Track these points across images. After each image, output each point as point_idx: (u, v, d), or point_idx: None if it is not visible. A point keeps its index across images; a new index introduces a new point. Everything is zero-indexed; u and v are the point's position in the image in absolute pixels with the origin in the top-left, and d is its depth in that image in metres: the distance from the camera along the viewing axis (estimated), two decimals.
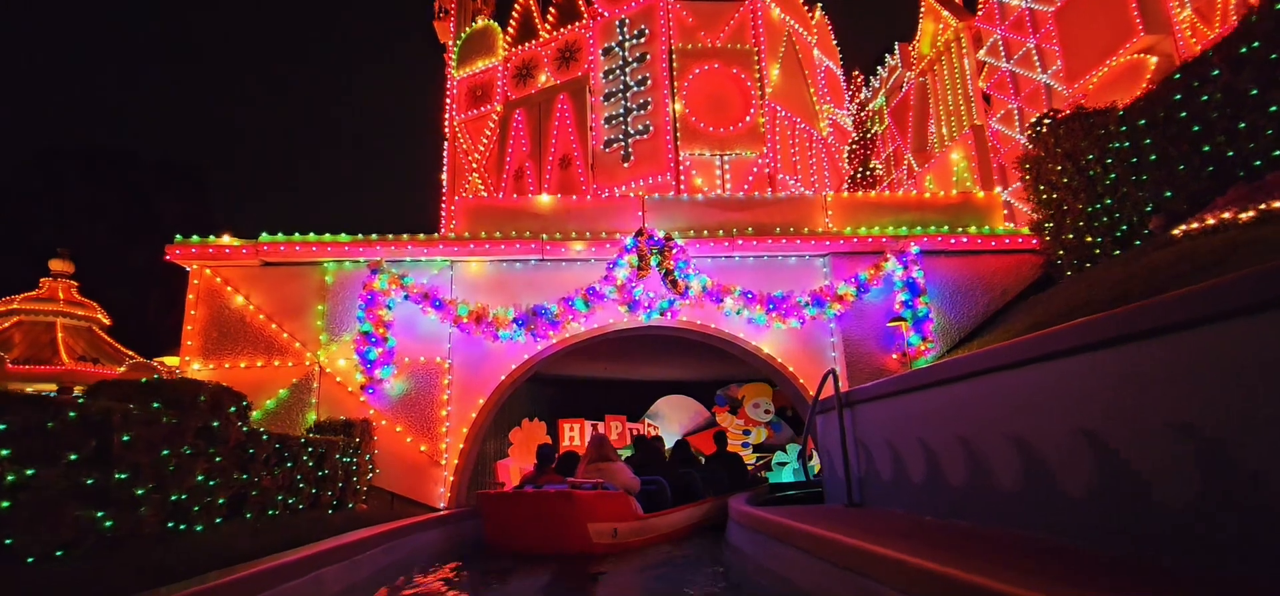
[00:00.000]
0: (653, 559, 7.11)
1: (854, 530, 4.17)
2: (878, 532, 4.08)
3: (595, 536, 6.88)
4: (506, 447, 13.20)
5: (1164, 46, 13.01)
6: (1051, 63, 16.09)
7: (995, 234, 9.86)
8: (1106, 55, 13.43)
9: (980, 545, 3.58)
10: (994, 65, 17.67)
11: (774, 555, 5.10)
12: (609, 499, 7.14)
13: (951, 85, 18.49)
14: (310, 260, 9.47)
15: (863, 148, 15.92)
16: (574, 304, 9.15)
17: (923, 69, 20.05)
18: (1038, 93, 16.44)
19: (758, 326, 9.46)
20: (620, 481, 7.49)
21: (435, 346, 9.36)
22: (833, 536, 3.89)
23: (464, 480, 9.28)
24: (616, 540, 7.04)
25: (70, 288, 23.47)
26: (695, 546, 8.53)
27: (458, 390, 9.28)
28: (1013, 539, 3.77)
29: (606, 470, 7.59)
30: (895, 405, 5.62)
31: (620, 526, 7.09)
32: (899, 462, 5.57)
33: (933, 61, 19.59)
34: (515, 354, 9.37)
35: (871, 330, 9.57)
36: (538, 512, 7.00)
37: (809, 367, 9.51)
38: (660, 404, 16.58)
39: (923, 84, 20.23)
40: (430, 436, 9.11)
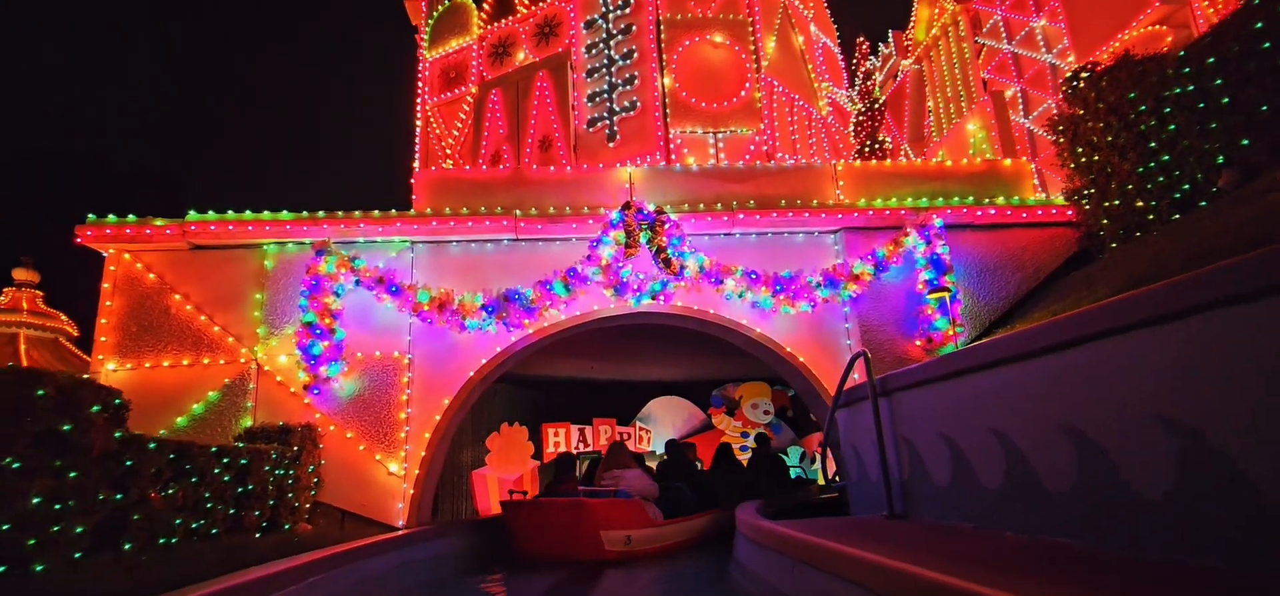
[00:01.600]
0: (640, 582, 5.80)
1: (930, 556, 2.87)
2: (963, 558, 2.79)
3: (608, 544, 6.75)
4: (484, 455, 11.80)
5: (1180, 17, 11.96)
6: (1057, 42, 15.07)
7: (1026, 205, 8.65)
8: (1117, 29, 12.37)
9: (1137, 584, 2.29)
10: (994, 47, 16.62)
11: (804, 585, 3.78)
12: (622, 506, 6.92)
13: (949, 71, 17.42)
14: (247, 242, 8.08)
15: (870, 119, 14.70)
16: (552, 288, 7.82)
17: (918, 56, 18.98)
18: (1042, 74, 15.36)
19: (763, 311, 8.17)
20: (636, 487, 7.18)
21: (393, 339, 7.99)
22: (912, 570, 2.57)
23: (427, 493, 7.89)
24: (631, 548, 6.83)
25: (35, 298, 21.84)
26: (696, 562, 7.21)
27: (419, 389, 7.91)
28: (1172, 572, 2.48)
29: (623, 476, 7.36)
30: (954, 390, 4.35)
31: (635, 533, 6.89)
32: (961, 462, 4.27)
33: (929, 47, 18.53)
34: (486, 346, 8.02)
35: (891, 314, 8.30)
36: (551, 520, 7.03)
37: (821, 357, 8.22)
38: (652, 405, 15.25)
39: (918, 71, 19.16)
40: (387, 443, 7.72)
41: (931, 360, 4.65)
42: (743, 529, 6.17)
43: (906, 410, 4.99)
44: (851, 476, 6.32)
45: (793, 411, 16.06)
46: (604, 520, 6.78)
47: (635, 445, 14.41)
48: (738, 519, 6.87)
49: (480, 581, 6.79)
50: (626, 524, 6.88)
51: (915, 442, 4.88)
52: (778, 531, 4.46)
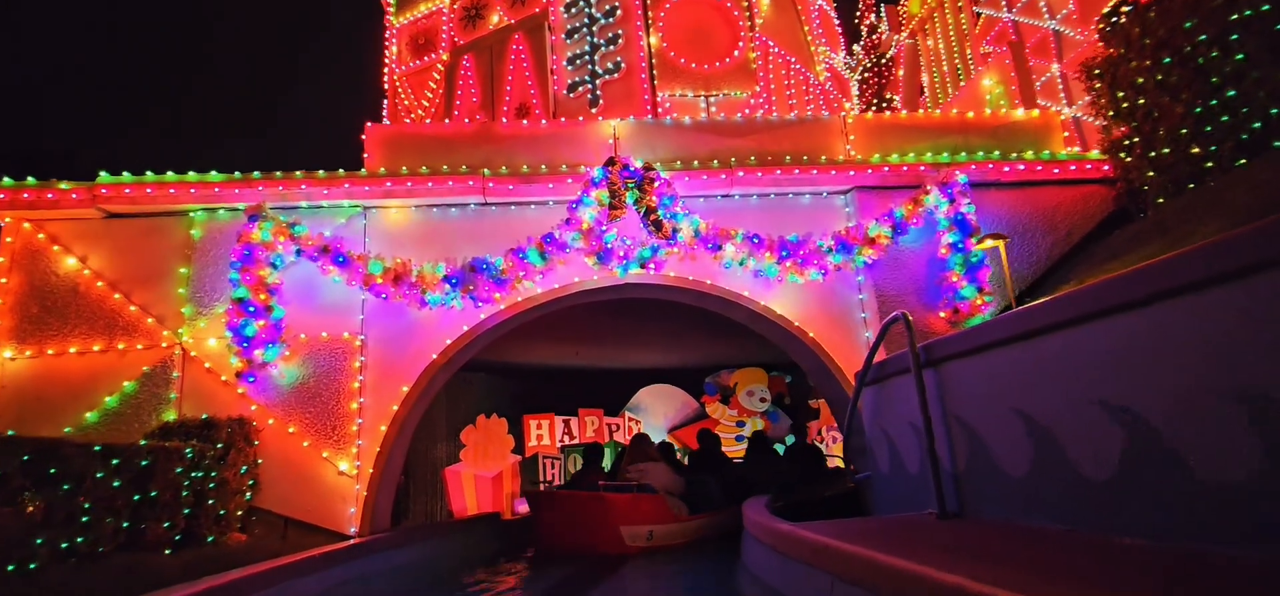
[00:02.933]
0: None
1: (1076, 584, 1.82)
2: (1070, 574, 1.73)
3: (629, 539, 6.60)
4: (459, 450, 10.67)
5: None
6: (1061, 7, 14.12)
7: (1057, 159, 7.65)
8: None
9: None
10: (992, 17, 15.64)
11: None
12: (644, 501, 6.73)
13: (945, 44, 16.45)
14: (170, 209, 6.89)
15: (877, 76, 13.65)
16: (526, 256, 6.70)
17: (913, 29, 18.00)
18: (1046, 42, 14.34)
19: (767, 281, 7.10)
20: (660, 482, 6.97)
21: (342, 319, 6.84)
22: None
23: (383, 494, 6.76)
24: (652, 543, 6.64)
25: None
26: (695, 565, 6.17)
27: (374, 375, 6.78)
28: None
29: (647, 470, 7.14)
30: (1036, 352, 3.31)
31: (657, 528, 6.70)
32: (1047, 447, 3.24)
33: (923, 20, 17.54)
34: (451, 325, 6.89)
35: (910, 282, 7.27)
36: (571, 514, 6.92)
37: (832, 332, 7.18)
38: (642, 394, 14.17)
39: (913, 46, 18.17)
40: (336, 438, 6.58)
41: (1002, 317, 3.60)
42: (753, 530, 5.11)
43: (961, 383, 3.94)
44: (879, 467, 5.27)
45: (790, 399, 15.05)
46: (625, 515, 6.58)
47: (625, 436, 13.34)
48: (747, 517, 5.83)
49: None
50: (648, 519, 6.66)
51: (973, 423, 3.83)
52: (808, 538, 3.40)
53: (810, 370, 7.65)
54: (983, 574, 2.20)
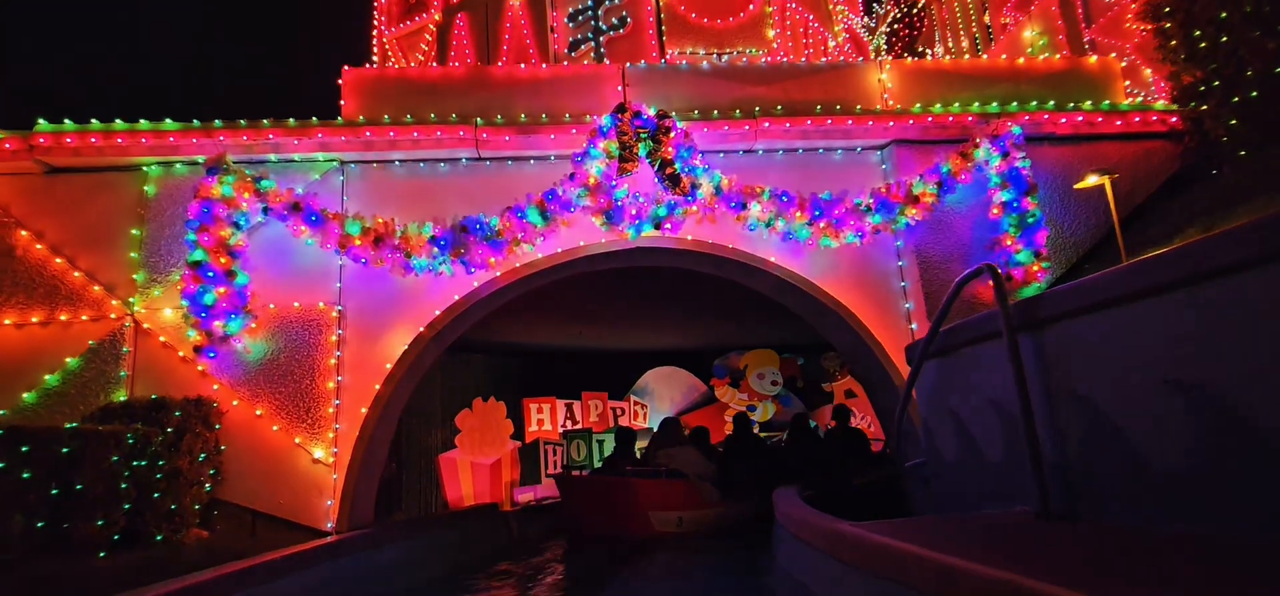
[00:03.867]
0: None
1: None
2: None
3: (658, 524, 6.48)
4: (454, 436, 9.83)
5: None
6: None
7: (1118, 110, 6.77)
8: None
9: None
10: None
11: None
12: (672, 486, 6.55)
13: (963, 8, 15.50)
14: (121, 163, 6.02)
15: (907, 28, 12.73)
16: (525, 216, 5.84)
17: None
18: None
19: (796, 245, 6.25)
20: (690, 467, 6.70)
21: (317, 286, 5.99)
22: None
23: (364, 484, 5.93)
24: (682, 528, 6.47)
25: None
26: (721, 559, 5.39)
27: (353, 350, 5.94)
28: None
29: (676, 455, 6.91)
30: (1209, 299, 2.43)
31: (686, 514, 6.52)
32: (1222, 428, 2.38)
33: None
34: (440, 293, 6.04)
35: (956, 247, 6.43)
36: (600, 498, 6.87)
37: (866, 304, 6.34)
38: (648, 377, 13.35)
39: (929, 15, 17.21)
40: (311, 421, 5.75)
41: (1160, 256, 2.73)
42: (792, 526, 4.30)
43: (1078, 349, 3.09)
44: (942, 454, 4.43)
45: (802, 381, 14.24)
46: (652, 500, 6.45)
47: (629, 422, 12.52)
48: (780, 510, 5.02)
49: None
50: (677, 504, 6.50)
51: (1096, 400, 2.98)
52: (891, 547, 2.56)
53: (843, 346, 6.81)
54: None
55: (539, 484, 10.35)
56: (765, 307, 9.59)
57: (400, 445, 9.86)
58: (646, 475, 6.72)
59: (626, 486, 6.64)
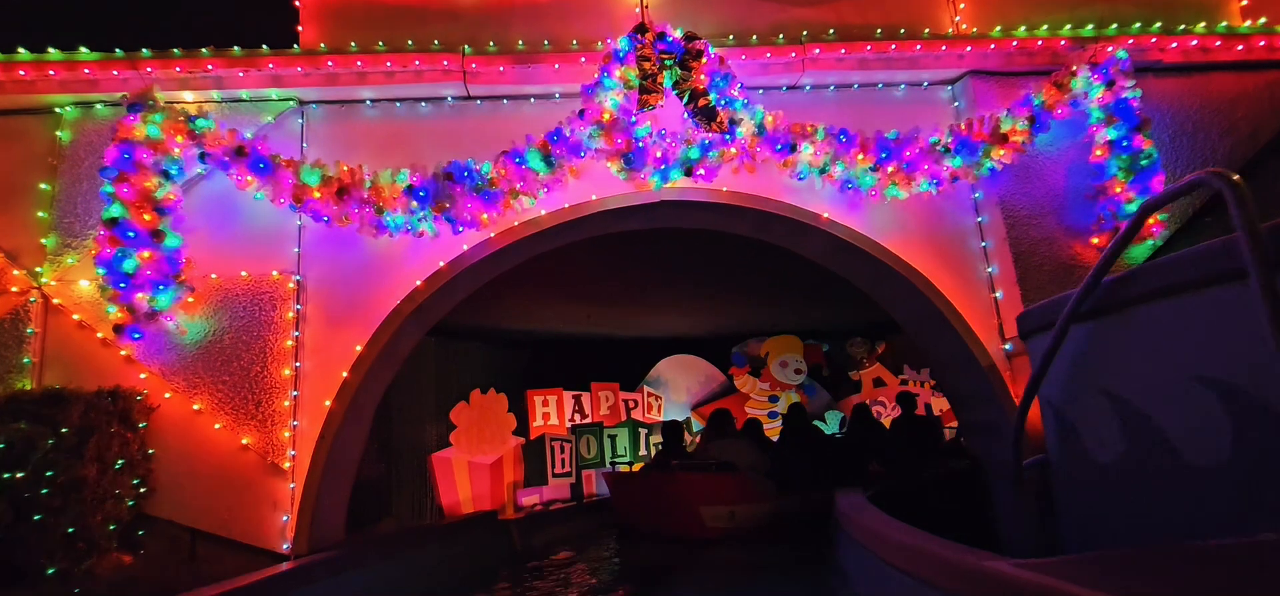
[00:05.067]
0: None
1: None
2: None
3: (710, 520, 6.11)
4: (448, 432, 8.67)
5: None
6: None
7: (1237, 34, 5.56)
8: None
9: None
10: None
11: None
12: (725, 481, 6.18)
13: None
14: (26, 103, 4.88)
15: None
16: (524, 160, 4.66)
17: None
18: None
19: (856, 195, 5.06)
20: (743, 459, 6.35)
21: (270, 252, 4.84)
22: None
23: (331, 493, 4.77)
24: (734, 523, 6.10)
25: None
26: None
27: (315, 330, 4.78)
28: None
29: (728, 447, 6.59)
30: None
31: (739, 509, 6.12)
32: None
33: None
34: (421, 259, 4.88)
35: (1047, 197, 5.23)
36: (650, 495, 6.69)
37: (940, 269, 5.17)
38: (662, 367, 12.17)
39: None
40: (262, 417, 4.59)
41: None
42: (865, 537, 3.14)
43: None
44: (1090, 453, 3.23)
45: (827, 370, 13.05)
46: (703, 495, 6.13)
47: (644, 414, 11.35)
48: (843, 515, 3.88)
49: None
50: (730, 499, 6.13)
51: None
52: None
53: (910, 320, 5.60)
54: None
55: (545, 485, 9.19)
56: (801, 282, 8.44)
57: (390, 444, 8.74)
58: (697, 468, 6.38)
59: (677, 481, 6.31)
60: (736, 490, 6.10)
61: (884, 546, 3.22)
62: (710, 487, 6.15)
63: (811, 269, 6.11)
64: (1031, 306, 4.06)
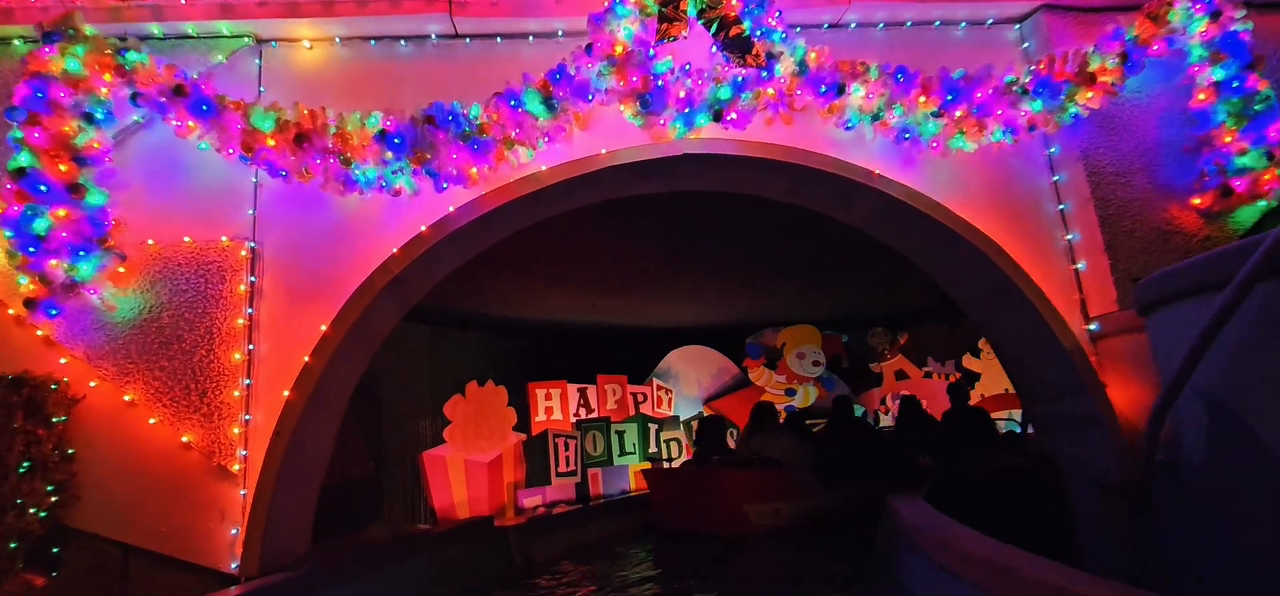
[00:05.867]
0: None
1: None
2: None
3: (754, 517, 5.88)
4: (442, 429, 7.88)
5: None
6: None
7: None
8: None
9: None
10: None
11: None
12: (768, 476, 5.92)
13: None
14: None
15: None
16: (521, 103, 3.85)
17: None
18: None
19: (914, 147, 4.24)
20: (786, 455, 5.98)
21: (220, 214, 4.05)
22: None
23: (291, 500, 3.97)
24: (779, 521, 5.82)
25: None
26: None
27: (273, 306, 3.99)
28: None
29: (772, 443, 6.25)
30: None
31: (784, 506, 5.84)
32: None
33: None
34: (398, 222, 4.08)
35: (1138, 150, 4.40)
36: (691, 492, 6.48)
37: (1010, 234, 4.33)
38: (672, 358, 11.38)
39: None
40: (206, 410, 3.80)
41: None
42: (988, 580, 2.34)
43: None
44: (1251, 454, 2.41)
45: (847, 361, 12.23)
46: (747, 492, 5.99)
47: (653, 408, 10.56)
48: (929, 538, 3.09)
49: None
50: (774, 495, 5.97)
51: None
52: None
53: (975, 296, 4.76)
54: None
55: (549, 485, 8.40)
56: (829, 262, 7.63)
57: (379, 441, 7.96)
58: (739, 464, 6.25)
59: (719, 478, 6.19)
60: (781, 486, 5.86)
61: (991, 577, 2.41)
62: (755, 484, 5.91)
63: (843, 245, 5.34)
64: (1158, 272, 3.23)
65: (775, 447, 6.16)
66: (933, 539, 3.26)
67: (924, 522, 3.42)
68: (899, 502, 4.09)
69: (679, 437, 10.31)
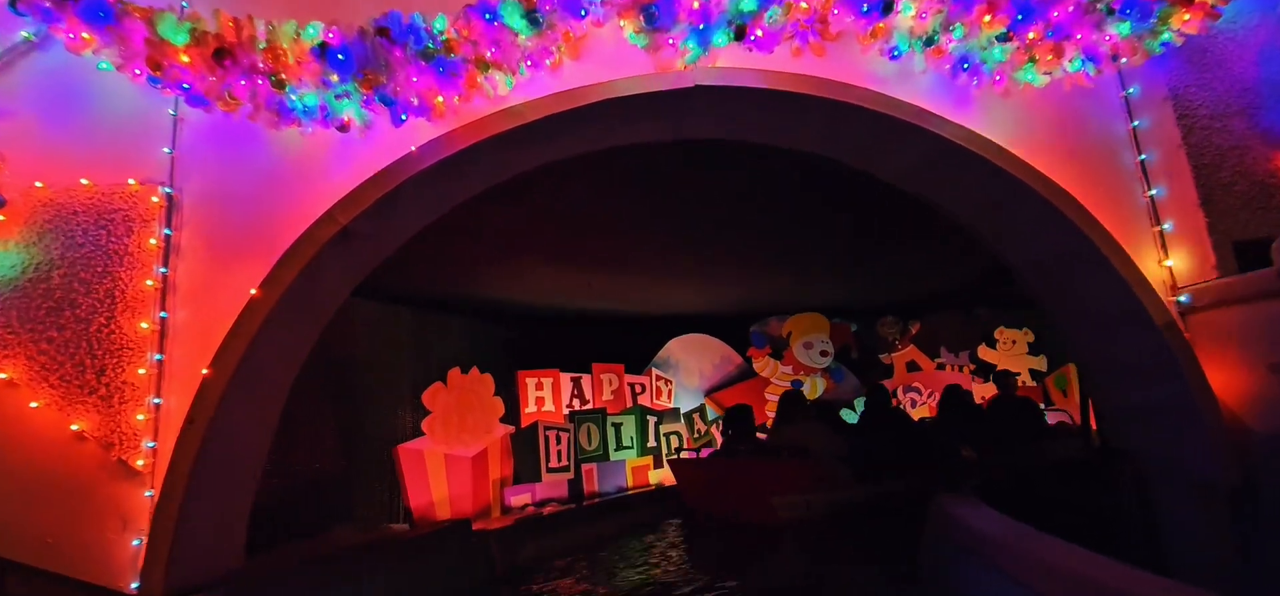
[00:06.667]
0: None
1: None
2: None
3: (782, 509, 5.61)
4: (422, 419, 7.11)
5: None
6: None
7: None
8: None
9: None
10: None
11: None
12: (797, 468, 5.62)
13: None
14: None
15: None
16: (497, 15, 3.09)
17: None
18: None
19: (973, 77, 3.49)
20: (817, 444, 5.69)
21: (129, 153, 3.28)
22: None
23: (211, 504, 3.21)
24: (810, 513, 5.55)
25: None
26: None
27: (192, 265, 3.23)
28: None
29: (802, 432, 5.97)
30: None
31: (815, 497, 5.55)
32: None
33: None
34: (347, 163, 3.32)
35: (1234, 92, 3.68)
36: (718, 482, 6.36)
37: (1083, 186, 3.58)
38: (672, 347, 10.62)
39: None
40: (104, 392, 3.04)
41: None
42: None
43: None
44: None
45: (856, 351, 11.51)
46: (775, 484, 5.59)
47: (652, 400, 9.82)
48: (1016, 556, 2.37)
49: None
50: (803, 487, 5.59)
51: None
52: None
53: (1039, 262, 3.99)
54: None
55: (539, 482, 7.65)
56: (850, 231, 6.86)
57: (352, 433, 7.19)
58: (767, 455, 6.04)
59: (746, 469, 5.98)
60: (811, 478, 5.60)
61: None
62: (782, 475, 5.66)
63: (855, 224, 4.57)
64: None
65: (805, 436, 5.83)
66: (1012, 552, 2.55)
67: (994, 530, 2.71)
68: (953, 505, 3.37)
69: (679, 431, 9.59)
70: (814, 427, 6.16)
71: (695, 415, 10.13)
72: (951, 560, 3.24)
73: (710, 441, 9.86)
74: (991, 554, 2.76)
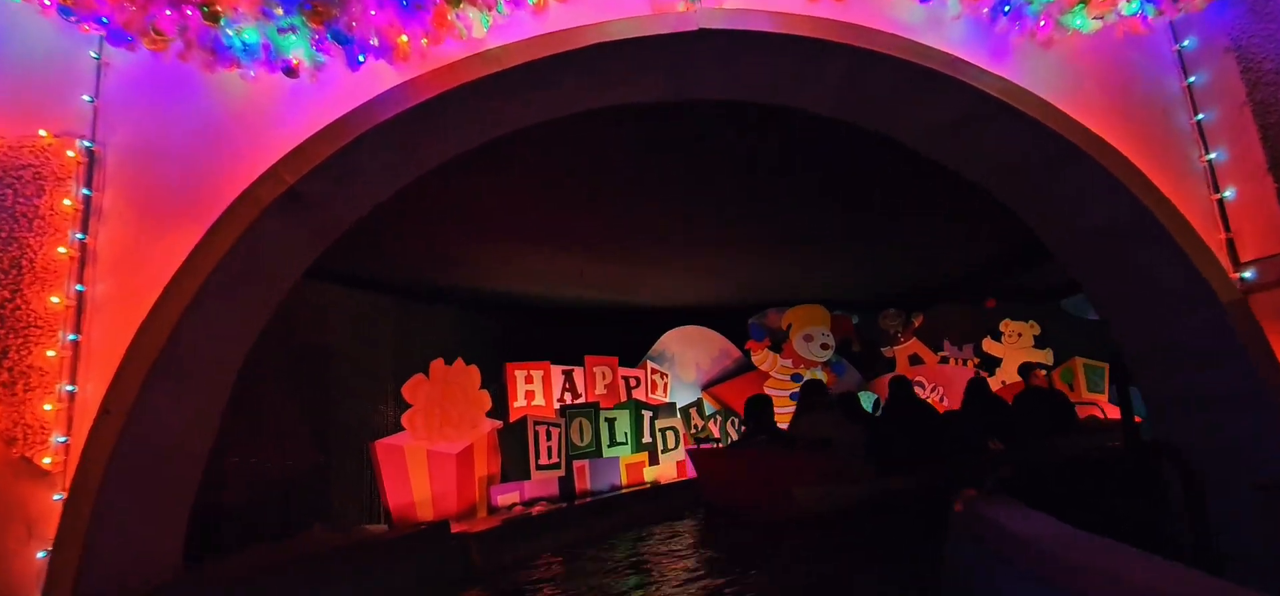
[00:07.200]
0: None
1: None
2: None
3: (802, 501, 5.45)
4: (401, 413, 6.65)
5: None
6: None
7: None
8: None
9: None
10: None
11: None
12: (816, 459, 5.48)
13: None
14: None
15: None
16: None
17: None
18: None
19: (1014, 23, 3.05)
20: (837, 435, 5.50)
21: (41, 100, 2.81)
22: None
23: (132, 508, 2.75)
24: (829, 506, 5.39)
25: None
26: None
27: (115, 229, 2.77)
28: None
29: (822, 423, 5.76)
30: None
31: (836, 488, 5.40)
32: None
33: None
34: (297, 114, 2.85)
35: None
36: (736, 475, 6.21)
37: (1133, 146, 3.16)
38: (669, 339, 10.18)
39: None
40: (6, 379, 2.57)
41: None
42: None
43: None
44: None
45: (858, 344, 11.10)
46: (795, 475, 5.44)
47: (647, 394, 9.38)
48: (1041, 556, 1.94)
49: None
50: (823, 478, 5.38)
51: None
52: None
53: (1084, 236, 3.54)
54: None
55: (527, 479, 7.20)
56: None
57: (329, 428, 6.72)
58: (786, 446, 5.85)
59: (764, 459, 5.84)
60: (831, 470, 5.41)
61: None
62: (801, 467, 5.50)
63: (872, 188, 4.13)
64: None
65: (825, 428, 5.56)
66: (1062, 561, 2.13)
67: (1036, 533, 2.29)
68: (985, 505, 2.95)
69: (675, 426, 9.16)
70: (834, 417, 5.97)
71: (692, 410, 9.70)
72: (981, 565, 2.82)
73: (708, 437, 9.45)
74: (1032, 562, 2.35)
